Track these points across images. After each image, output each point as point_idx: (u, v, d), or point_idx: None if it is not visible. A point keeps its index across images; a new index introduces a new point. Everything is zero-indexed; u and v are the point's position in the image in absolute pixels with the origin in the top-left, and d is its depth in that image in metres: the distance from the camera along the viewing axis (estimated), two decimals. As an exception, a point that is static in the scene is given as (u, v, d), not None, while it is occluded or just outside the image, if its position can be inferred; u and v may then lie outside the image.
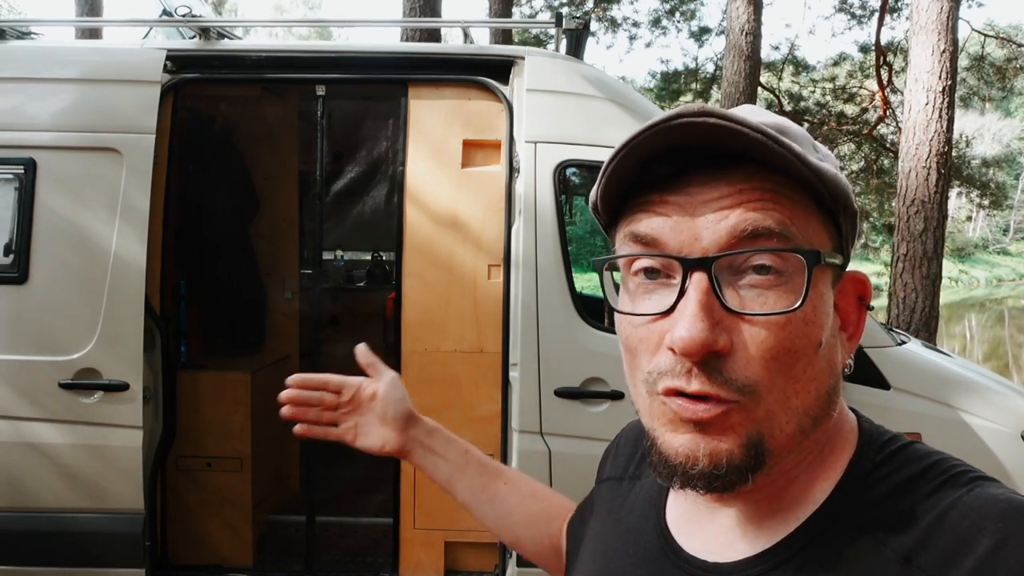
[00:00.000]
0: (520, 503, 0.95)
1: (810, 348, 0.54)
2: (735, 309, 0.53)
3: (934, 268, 5.99)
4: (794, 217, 0.54)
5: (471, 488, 0.96)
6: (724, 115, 0.51)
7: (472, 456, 0.97)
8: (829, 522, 0.56)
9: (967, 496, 0.52)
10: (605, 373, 2.63)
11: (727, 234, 0.53)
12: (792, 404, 0.54)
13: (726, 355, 0.53)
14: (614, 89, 2.85)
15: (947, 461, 0.56)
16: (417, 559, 2.80)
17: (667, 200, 0.56)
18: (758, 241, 0.53)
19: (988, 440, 2.62)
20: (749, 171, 0.54)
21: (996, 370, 6.59)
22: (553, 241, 2.68)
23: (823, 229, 0.56)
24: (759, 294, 0.53)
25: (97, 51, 2.99)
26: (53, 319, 2.65)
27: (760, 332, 0.53)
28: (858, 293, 0.60)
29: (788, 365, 0.53)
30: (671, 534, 0.65)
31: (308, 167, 3.83)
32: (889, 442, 0.59)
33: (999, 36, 14.81)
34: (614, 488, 0.78)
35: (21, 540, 2.66)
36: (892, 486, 0.56)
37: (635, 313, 0.57)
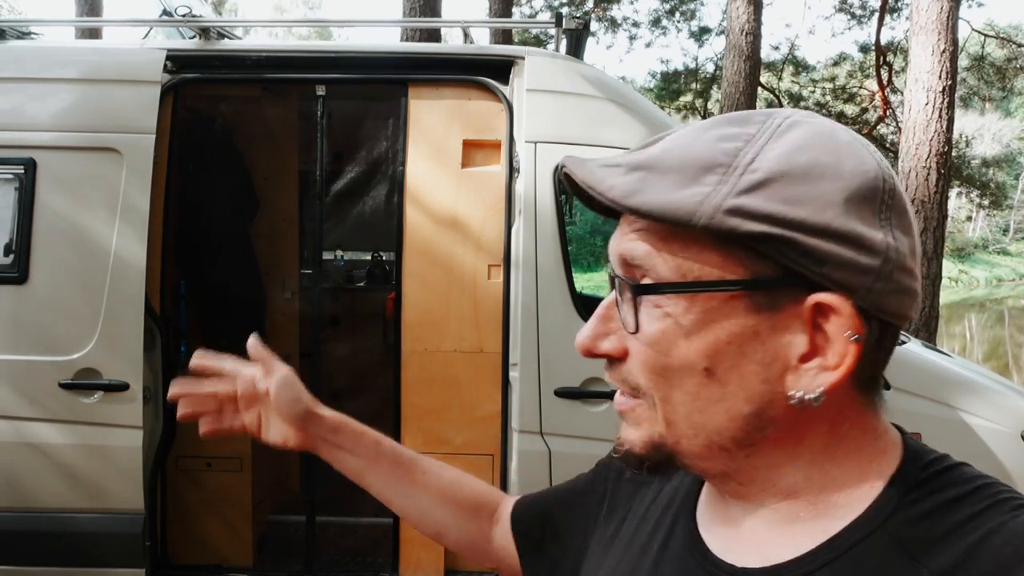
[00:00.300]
0: (439, 492, 0.92)
1: (687, 372, 0.56)
2: (617, 322, 0.59)
3: (934, 268, 6.00)
4: (671, 247, 0.56)
5: (385, 481, 0.93)
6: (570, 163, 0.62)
7: (384, 448, 0.93)
8: (863, 535, 0.55)
9: (1012, 523, 0.51)
10: (605, 373, 2.63)
11: (617, 258, 0.60)
12: (695, 420, 0.57)
13: (621, 358, 0.60)
14: (614, 89, 2.85)
15: (995, 485, 0.55)
16: (417, 559, 2.80)
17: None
18: (629, 269, 0.58)
19: (988, 440, 2.63)
20: None
21: (996, 370, 6.59)
22: (553, 241, 2.68)
23: (725, 259, 0.54)
24: (626, 312, 0.59)
25: (97, 51, 3.00)
26: (53, 319, 2.65)
27: (636, 347, 0.58)
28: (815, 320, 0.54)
29: (670, 380, 0.57)
30: (700, 535, 0.65)
31: (308, 167, 3.82)
32: (936, 461, 0.58)
33: (999, 36, 14.82)
34: (640, 488, 0.77)
35: (21, 540, 2.66)
36: (934, 505, 0.54)
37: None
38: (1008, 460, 2.61)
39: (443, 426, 2.74)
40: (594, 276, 11.54)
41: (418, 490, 0.92)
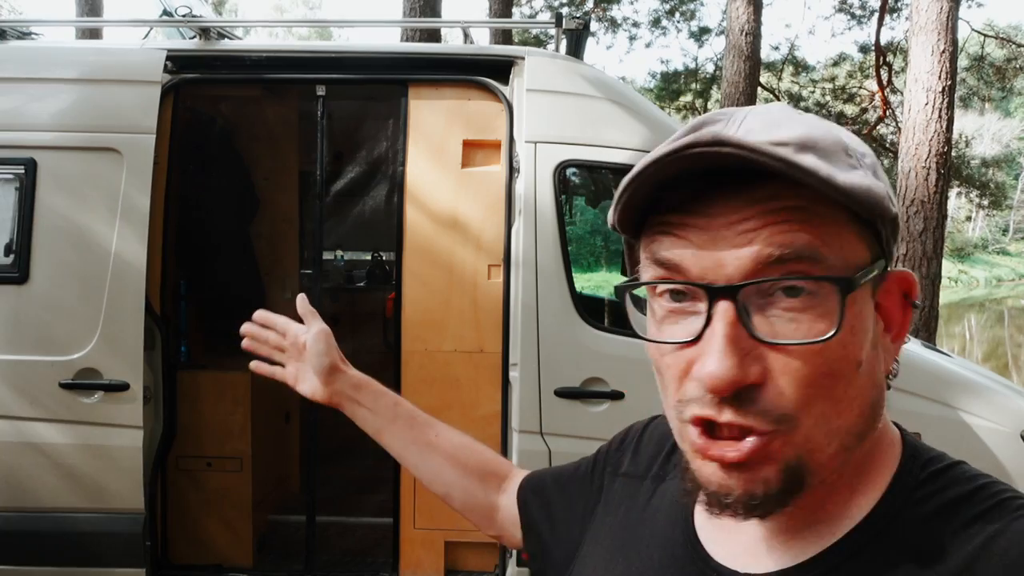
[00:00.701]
0: (451, 454, 0.96)
1: (850, 369, 0.52)
2: (765, 339, 0.50)
3: (934, 268, 6.00)
4: (825, 236, 0.50)
5: (401, 440, 0.97)
6: (739, 143, 0.48)
7: (401, 409, 0.98)
8: (870, 539, 0.54)
9: (1016, 524, 0.50)
10: (605, 373, 2.64)
11: (752, 260, 0.50)
12: (833, 425, 0.52)
13: (760, 385, 0.50)
14: (614, 89, 2.85)
15: (996, 485, 0.54)
16: (417, 559, 2.80)
17: (687, 223, 0.53)
18: (786, 266, 0.50)
19: (988, 440, 2.63)
20: (774, 188, 0.50)
21: (996, 370, 6.59)
22: (553, 241, 2.68)
23: (859, 240, 0.53)
24: (791, 319, 0.50)
25: (97, 51, 3.00)
26: (53, 319, 2.65)
27: (794, 361, 0.50)
28: (903, 291, 0.57)
29: (827, 389, 0.51)
30: (700, 541, 0.63)
31: (308, 167, 3.83)
32: (934, 460, 0.57)
33: (999, 36, 14.82)
34: (633, 486, 0.76)
35: (21, 540, 2.66)
36: (938, 506, 0.53)
37: (661, 341, 0.55)
38: (1008, 460, 2.61)
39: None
40: (594, 276, 11.52)
41: (430, 450, 0.96)
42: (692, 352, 0.52)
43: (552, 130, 2.71)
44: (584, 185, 3.70)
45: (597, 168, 2.94)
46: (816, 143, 0.51)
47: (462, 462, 0.95)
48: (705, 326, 0.51)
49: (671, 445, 0.75)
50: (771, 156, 0.48)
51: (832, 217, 0.51)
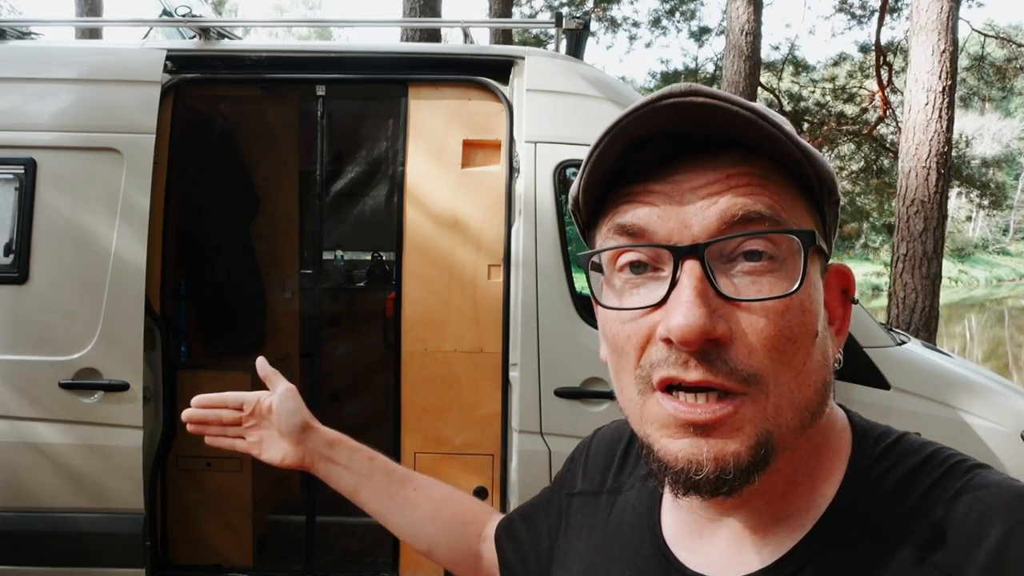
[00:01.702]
0: (431, 509, 0.92)
1: (808, 337, 0.52)
2: (731, 296, 0.51)
3: (934, 268, 6.00)
4: (782, 202, 0.53)
5: (379, 497, 0.93)
6: (712, 94, 0.50)
7: (378, 464, 0.94)
8: (838, 526, 0.54)
9: (968, 487, 0.52)
10: (605, 373, 2.61)
11: (717, 219, 0.51)
12: (796, 398, 0.52)
13: (725, 344, 0.50)
14: (614, 89, 2.85)
15: (942, 451, 0.56)
16: (417, 559, 2.80)
17: (652, 189, 0.54)
18: (749, 226, 0.51)
19: (988, 440, 2.62)
20: (736, 156, 0.53)
21: (996, 370, 6.59)
22: (553, 241, 2.68)
23: (809, 216, 0.55)
24: (753, 280, 0.51)
25: (97, 51, 3.00)
26: (53, 319, 2.65)
27: (759, 320, 0.50)
28: (841, 286, 0.59)
29: (790, 355, 0.51)
30: (670, 550, 0.62)
31: (308, 167, 3.83)
32: (883, 435, 0.58)
33: (999, 36, 14.81)
34: (591, 503, 0.74)
35: (21, 540, 2.66)
36: (895, 482, 0.54)
37: (623, 308, 0.55)
38: (1008, 460, 2.61)
39: (443, 426, 2.74)
40: (594, 276, 11.44)
41: (409, 507, 0.92)
42: (656, 316, 0.52)
43: (552, 130, 2.71)
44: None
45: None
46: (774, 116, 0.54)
47: (441, 516, 0.92)
48: (671, 288, 0.52)
49: (621, 453, 0.74)
50: (742, 105, 0.50)
51: (788, 188, 0.54)
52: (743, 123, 0.50)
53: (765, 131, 0.51)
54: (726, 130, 0.52)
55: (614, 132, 0.54)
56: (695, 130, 0.52)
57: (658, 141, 0.54)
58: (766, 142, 0.52)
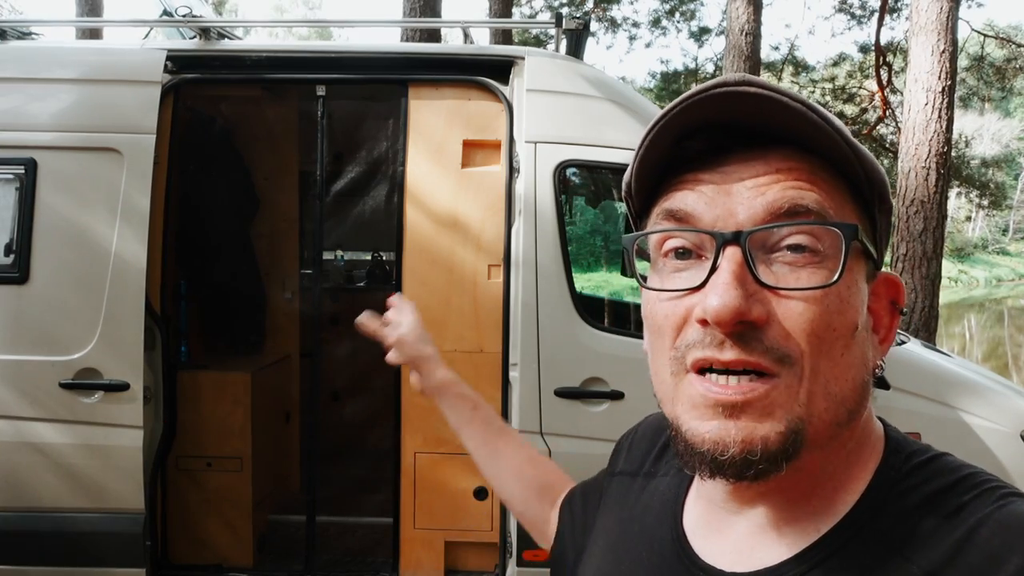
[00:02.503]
0: (516, 466, 1.00)
1: (847, 329, 0.52)
2: (769, 283, 0.52)
3: (933, 268, 6.00)
4: (831, 199, 0.53)
5: (475, 442, 1.04)
6: (765, 84, 0.51)
7: (479, 413, 1.05)
8: (853, 533, 0.54)
9: (998, 513, 0.50)
10: (605, 373, 2.64)
11: (763, 210, 0.52)
12: (832, 390, 0.52)
13: (762, 326, 0.51)
14: (614, 89, 2.85)
15: (979, 475, 0.54)
16: (417, 559, 2.80)
17: (702, 178, 0.55)
18: (795, 219, 0.52)
19: (988, 440, 2.63)
20: (787, 151, 0.53)
21: (996, 370, 6.59)
22: (553, 241, 2.68)
23: (857, 218, 0.55)
24: (792, 271, 0.52)
25: (97, 51, 3.00)
26: (54, 319, 2.65)
27: (798, 305, 0.51)
28: (891, 296, 0.59)
29: (828, 343, 0.51)
30: (687, 540, 0.63)
31: (308, 167, 3.83)
32: (917, 452, 0.57)
33: (999, 36, 14.81)
34: (627, 484, 0.76)
35: (21, 540, 2.66)
36: (920, 498, 0.53)
37: (664, 289, 0.56)
38: (1008, 460, 2.61)
39: (443, 426, 2.71)
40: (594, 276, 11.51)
41: (497, 457, 1.02)
42: (695, 298, 0.53)
43: (552, 130, 2.71)
44: (584, 185, 3.70)
45: (597, 168, 2.94)
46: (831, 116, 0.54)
47: (523, 475, 0.99)
48: (711, 273, 0.52)
49: (664, 440, 0.75)
50: (794, 98, 0.51)
51: (837, 187, 0.54)
52: (794, 116, 0.51)
53: (816, 125, 0.51)
54: (777, 122, 0.52)
55: (667, 118, 0.54)
56: (746, 120, 0.53)
57: (710, 130, 0.54)
58: (817, 137, 0.52)
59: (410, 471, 2.79)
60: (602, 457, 0.87)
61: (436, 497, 2.78)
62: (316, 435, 3.01)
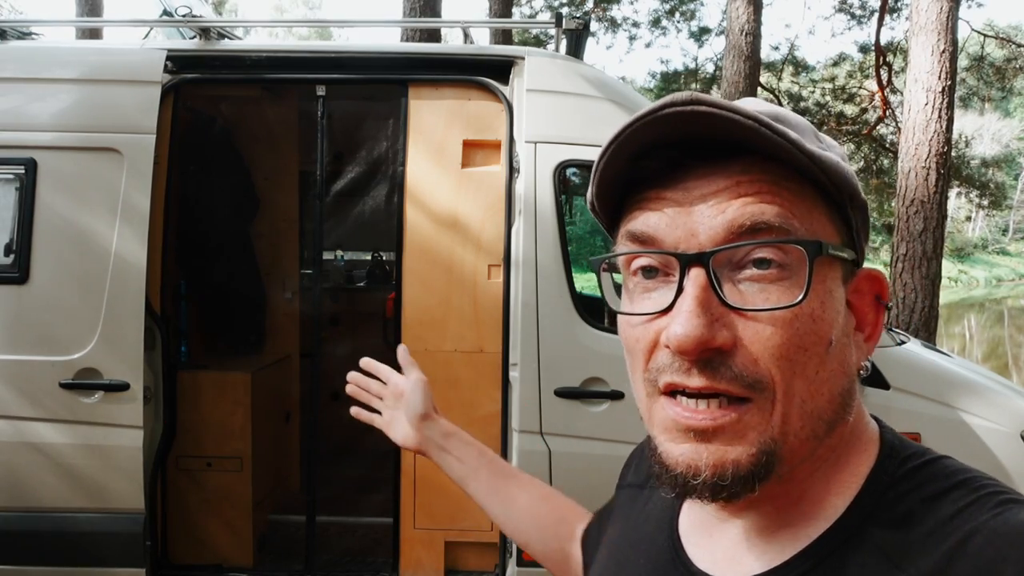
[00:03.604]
0: (530, 506, 0.97)
1: (820, 347, 0.51)
2: (735, 305, 0.51)
3: (933, 268, 6.00)
4: (795, 209, 0.52)
5: (484, 489, 1.00)
6: (714, 103, 0.50)
7: (486, 459, 1.02)
8: (843, 540, 0.53)
9: (994, 521, 0.48)
10: (605, 373, 2.64)
11: (724, 229, 0.51)
12: (807, 408, 0.51)
13: (729, 351, 0.50)
14: (614, 89, 2.85)
15: (977, 480, 0.52)
16: (417, 559, 2.80)
17: (663, 196, 0.54)
18: (757, 235, 0.51)
19: (988, 440, 2.63)
20: (747, 162, 0.52)
21: (996, 370, 6.59)
22: (553, 241, 2.68)
23: (829, 222, 0.54)
24: (761, 289, 0.51)
25: (97, 51, 3.00)
26: (54, 319, 2.65)
27: (765, 328, 0.50)
28: (875, 291, 0.58)
29: (800, 364, 0.50)
30: (682, 545, 0.63)
31: (308, 167, 3.83)
32: (914, 456, 0.56)
33: (998, 36, 14.82)
34: (634, 495, 0.76)
35: (21, 540, 2.66)
36: (913, 504, 0.52)
37: (632, 313, 0.55)
38: (1008, 460, 2.61)
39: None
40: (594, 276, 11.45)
41: (510, 502, 0.98)
42: (663, 322, 0.53)
43: (552, 130, 2.71)
44: (584, 185, 3.70)
45: (597, 168, 2.93)
46: (787, 120, 0.54)
47: (539, 514, 0.97)
48: (677, 295, 0.52)
49: None
50: (744, 114, 0.49)
51: (802, 194, 0.53)
52: (746, 131, 0.50)
53: (768, 139, 0.50)
54: (732, 137, 0.51)
55: (618, 141, 0.54)
56: (701, 138, 0.52)
57: (666, 148, 0.53)
58: (773, 149, 0.51)
59: (410, 471, 2.79)
60: (602, 457, 0.87)
61: (436, 497, 2.78)
62: (316, 435, 3.01)
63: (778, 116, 0.53)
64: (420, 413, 1.03)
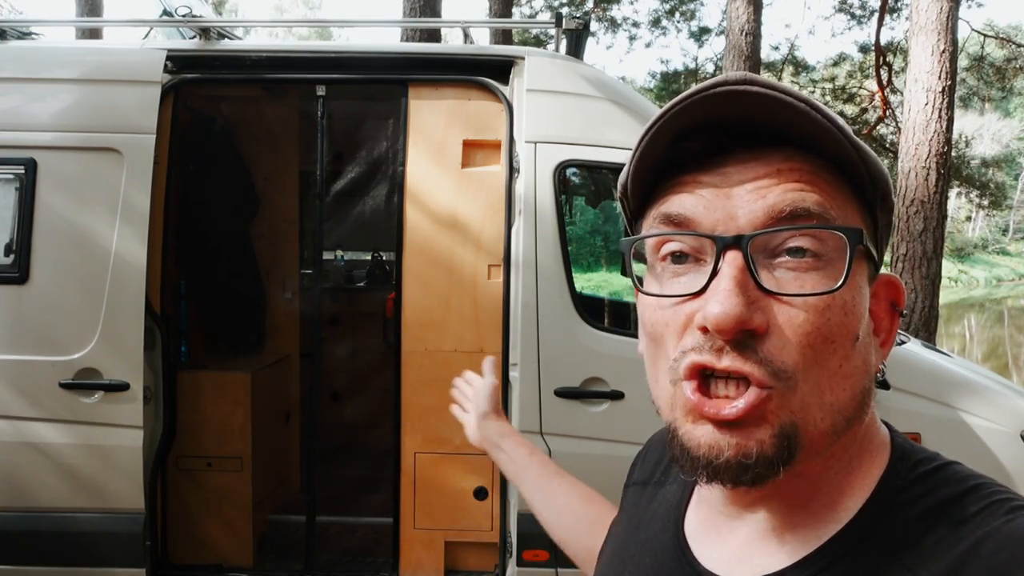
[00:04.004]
0: (569, 504, 0.99)
1: (848, 340, 0.51)
2: (771, 289, 0.50)
3: (933, 268, 6.00)
4: (833, 201, 0.52)
5: (530, 486, 1.05)
6: (767, 83, 0.50)
7: (535, 459, 1.07)
8: (855, 542, 0.53)
9: (1006, 527, 0.48)
10: (605, 373, 2.64)
11: (764, 213, 0.51)
12: (827, 399, 0.51)
13: (761, 335, 0.50)
14: (614, 89, 2.85)
15: (987, 486, 0.53)
16: (417, 559, 2.80)
17: (700, 180, 0.54)
18: (796, 222, 0.51)
19: (988, 440, 2.63)
20: (788, 152, 0.52)
21: (995, 370, 6.59)
22: (553, 241, 2.68)
23: (860, 218, 0.54)
24: (796, 276, 0.51)
25: (98, 51, 3.00)
26: (54, 319, 2.65)
27: (799, 314, 0.50)
28: (891, 298, 0.57)
29: (825, 355, 0.50)
30: (688, 545, 0.62)
31: (308, 167, 3.83)
32: (925, 461, 0.56)
33: (998, 36, 14.82)
34: (639, 493, 0.76)
35: (21, 540, 2.66)
36: (925, 508, 0.52)
37: (663, 295, 0.54)
38: (1008, 460, 2.61)
39: (443, 426, 2.75)
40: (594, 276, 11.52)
41: (552, 499, 1.02)
42: (695, 304, 0.52)
43: (552, 130, 2.71)
44: (584, 185, 3.70)
45: (597, 168, 2.94)
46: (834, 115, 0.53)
47: (576, 512, 0.99)
48: (711, 278, 0.51)
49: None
50: (798, 97, 0.49)
51: (840, 187, 0.53)
52: (797, 115, 0.50)
53: (819, 124, 0.50)
54: (779, 122, 0.51)
55: (666, 118, 0.53)
56: (747, 120, 0.52)
57: (709, 131, 0.53)
58: (819, 136, 0.51)
59: (410, 471, 2.79)
60: (602, 457, 0.87)
61: (436, 497, 2.78)
62: (316, 435, 3.01)
63: (820, 105, 0.53)
64: (482, 411, 1.13)
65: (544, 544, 2.56)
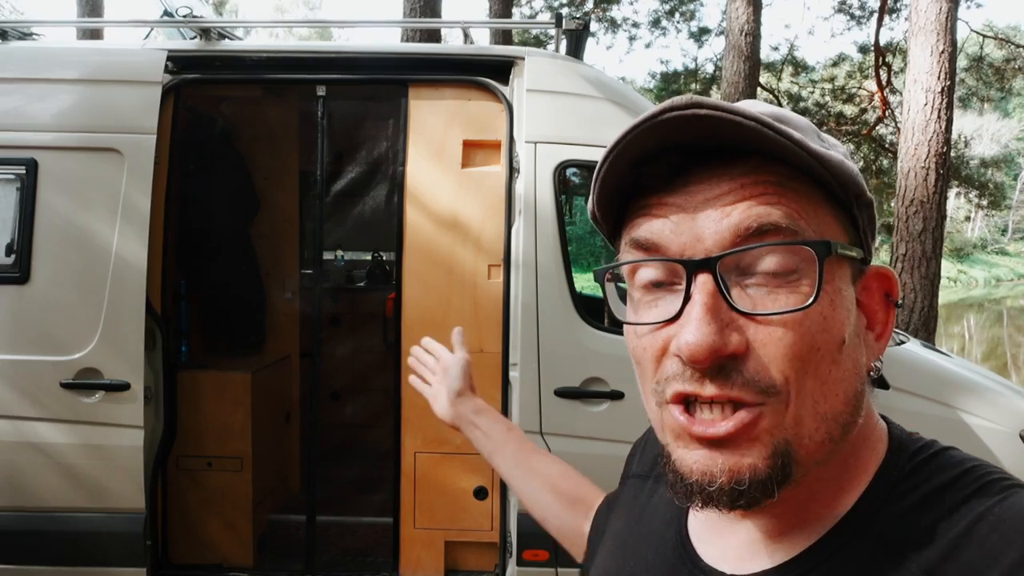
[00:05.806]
0: (548, 482, 1.00)
1: (833, 345, 0.51)
2: (745, 310, 0.50)
3: (933, 268, 6.01)
4: (802, 210, 0.51)
5: (508, 463, 1.04)
6: (714, 105, 0.49)
7: (512, 436, 1.07)
8: (851, 535, 0.53)
9: (998, 507, 0.49)
10: (605, 373, 2.64)
11: (731, 232, 0.50)
12: (821, 409, 0.51)
13: (742, 356, 0.50)
14: (614, 89, 2.86)
15: (981, 468, 0.53)
16: (417, 559, 2.81)
17: (666, 202, 0.53)
18: (764, 237, 0.50)
19: (987, 440, 2.63)
20: (752, 164, 0.51)
21: (995, 370, 6.59)
22: (553, 241, 2.68)
23: (836, 222, 0.53)
24: (769, 292, 0.50)
25: (98, 52, 3.00)
26: (54, 319, 2.66)
27: (776, 331, 0.49)
28: (884, 289, 0.57)
29: (814, 364, 0.50)
30: (691, 542, 0.63)
31: (308, 167, 3.83)
32: (921, 449, 0.56)
33: (998, 37, 14.82)
34: (638, 486, 0.76)
35: (21, 540, 2.66)
36: (920, 497, 0.52)
37: (639, 323, 0.54)
38: (1007, 460, 2.61)
39: (443, 426, 2.72)
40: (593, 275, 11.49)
41: (531, 476, 1.02)
42: (671, 330, 0.52)
43: (552, 130, 2.72)
44: (584, 185, 3.70)
45: (597, 168, 2.94)
46: (789, 120, 0.53)
47: (556, 489, 1.00)
48: (684, 303, 0.51)
49: None
50: (745, 115, 0.49)
51: (808, 194, 0.52)
52: (749, 133, 0.49)
53: (772, 140, 0.49)
54: (735, 140, 0.50)
55: (619, 148, 0.53)
56: (703, 141, 0.51)
57: (668, 153, 0.53)
58: (777, 150, 0.50)
59: (410, 471, 2.79)
60: (603, 457, 0.87)
61: (436, 497, 2.79)
62: (316, 435, 3.01)
63: (779, 117, 0.52)
64: (456, 388, 1.10)
65: (544, 544, 2.56)
